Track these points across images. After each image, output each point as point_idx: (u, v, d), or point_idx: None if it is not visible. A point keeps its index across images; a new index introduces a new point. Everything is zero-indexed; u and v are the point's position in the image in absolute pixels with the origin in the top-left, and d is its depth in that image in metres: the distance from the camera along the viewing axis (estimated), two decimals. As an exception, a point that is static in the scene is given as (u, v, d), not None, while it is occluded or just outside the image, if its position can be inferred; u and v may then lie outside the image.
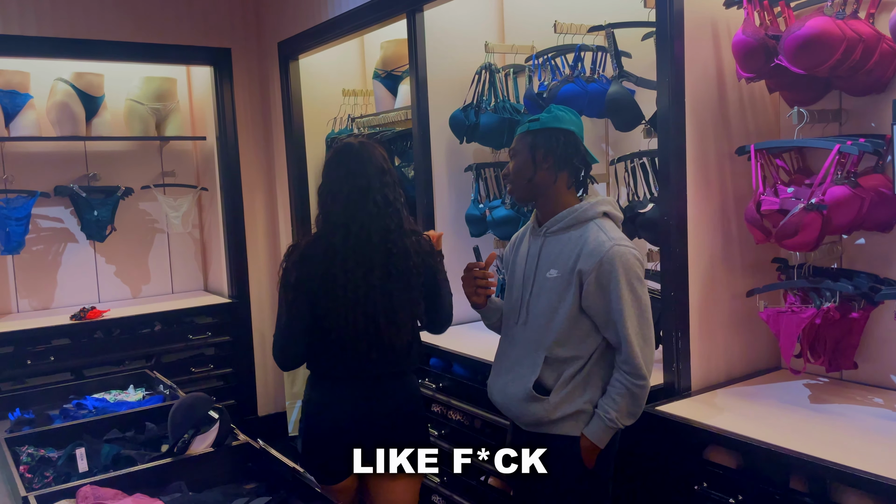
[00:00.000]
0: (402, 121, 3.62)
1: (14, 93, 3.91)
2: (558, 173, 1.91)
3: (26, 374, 3.64)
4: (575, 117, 1.95)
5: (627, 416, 1.86)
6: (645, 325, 1.84)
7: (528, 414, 1.91)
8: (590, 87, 2.59)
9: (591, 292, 1.84)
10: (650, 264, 2.55)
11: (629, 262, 1.83)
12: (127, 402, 2.39)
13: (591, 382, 1.89)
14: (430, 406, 3.02)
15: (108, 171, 4.32)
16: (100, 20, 4.00)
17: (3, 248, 3.86)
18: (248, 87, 4.50)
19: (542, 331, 1.91)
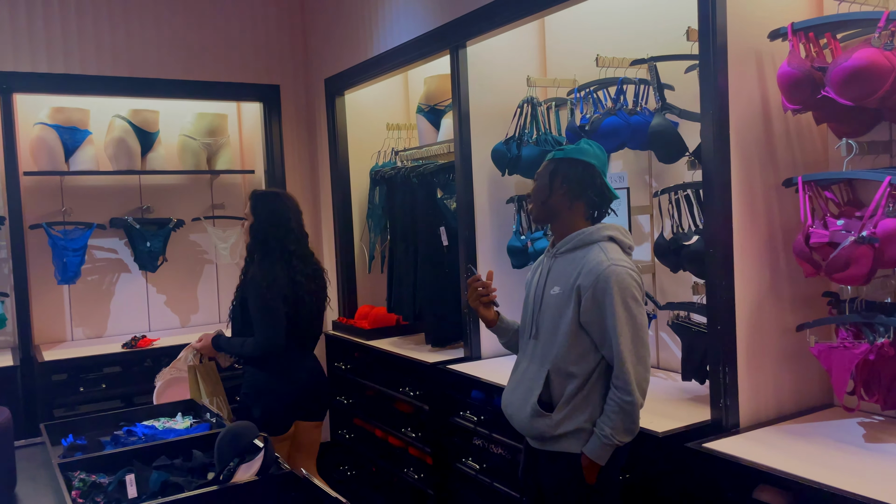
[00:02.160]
0: (445, 154, 3.67)
1: (74, 129, 4.09)
2: (573, 201, 2.04)
3: (79, 400, 3.74)
4: (600, 152, 2.06)
5: (623, 432, 1.92)
6: (639, 344, 1.91)
7: (533, 428, 2.01)
8: (632, 120, 2.59)
9: (588, 308, 1.94)
10: (696, 297, 2.51)
11: (625, 280, 1.91)
12: (175, 429, 2.43)
13: (592, 400, 1.97)
14: (471, 439, 3.00)
15: (161, 203, 4.46)
16: (156, 60, 4.18)
17: (60, 277, 4.01)
18: (295, 122, 4.62)
19: (548, 346, 2.02)
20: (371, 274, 4.37)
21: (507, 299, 3.20)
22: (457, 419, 3.06)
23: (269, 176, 4.54)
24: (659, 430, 2.13)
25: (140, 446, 2.15)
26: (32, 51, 3.88)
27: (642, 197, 2.91)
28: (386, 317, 3.97)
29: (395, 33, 3.71)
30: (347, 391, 4.04)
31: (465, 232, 3.28)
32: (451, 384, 3.12)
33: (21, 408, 3.63)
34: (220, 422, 2.42)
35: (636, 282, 1.94)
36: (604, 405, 1.95)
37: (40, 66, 3.89)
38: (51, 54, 3.92)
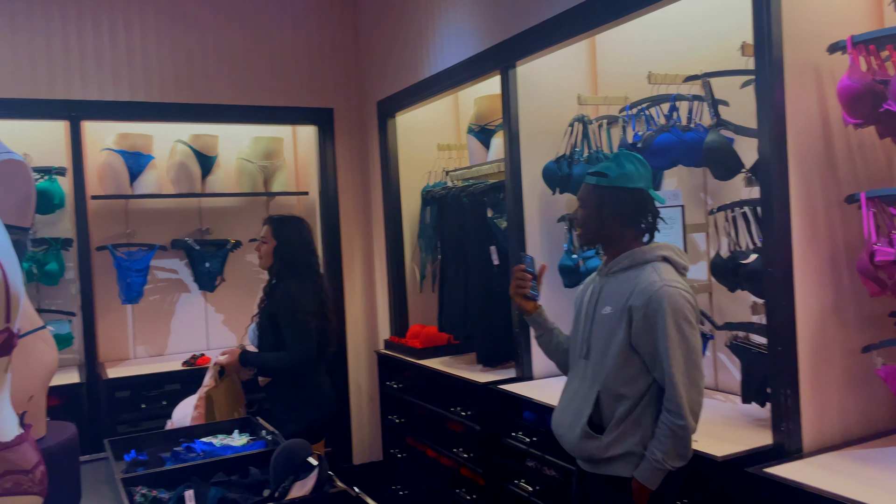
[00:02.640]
0: (495, 173, 3.68)
1: (138, 154, 4.25)
2: (625, 228, 2.01)
3: (141, 417, 3.85)
4: (643, 168, 2.01)
5: (675, 457, 1.87)
6: (692, 367, 1.87)
7: (582, 450, 1.99)
8: (686, 137, 2.56)
9: (640, 329, 1.90)
10: (755, 317, 2.44)
11: (678, 302, 1.87)
12: (232, 446, 2.48)
13: (643, 423, 1.93)
14: (523, 461, 2.97)
15: (220, 225, 4.59)
16: (215, 86, 4.32)
17: (123, 297, 4.15)
18: (348, 144, 4.71)
19: (598, 366, 1.99)
20: (422, 293, 4.39)
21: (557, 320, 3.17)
22: (509, 440, 3.04)
23: (323, 197, 4.63)
24: (718, 454, 2.07)
25: (199, 462, 2.20)
26: (100, 80, 4.06)
27: (697, 214, 2.86)
28: (437, 336, 3.98)
29: (446, 55, 3.76)
30: (399, 410, 4.05)
31: (516, 251, 3.27)
32: (502, 404, 3.10)
33: (86, 424, 3.75)
34: (276, 439, 2.46)
35: (690, 303, 1.90)
36: (655, 428, 1.91)
37: (107, 94, 4.07)
38: (117, 83, 4.10)
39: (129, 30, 4.12)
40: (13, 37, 3.88)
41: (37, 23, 3.93)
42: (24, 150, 3.84)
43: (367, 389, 4.77)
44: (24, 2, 3.90)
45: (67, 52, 3.99)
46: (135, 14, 4.14)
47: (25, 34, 3.91)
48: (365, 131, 4.71)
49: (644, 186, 2.00)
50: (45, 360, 1.99)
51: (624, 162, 2.00)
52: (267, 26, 4.46)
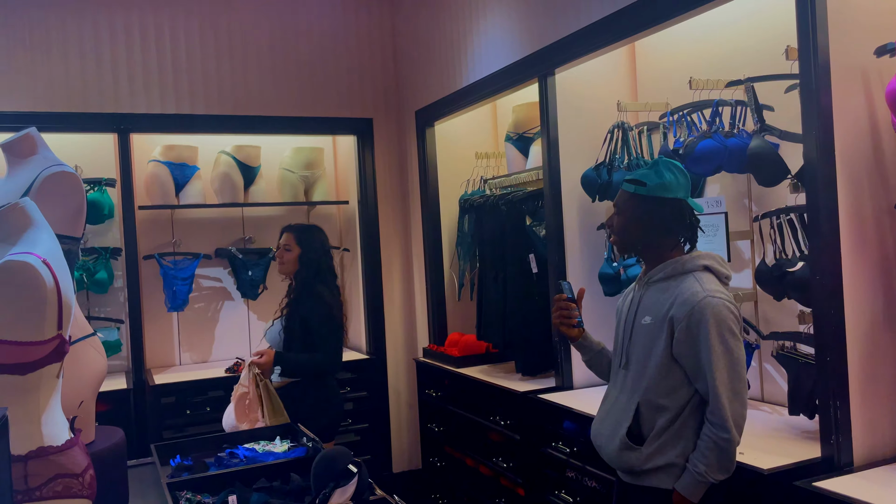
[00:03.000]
0: (534, 181, 3.66)
1: (184, 165, 4.35)
2: (662, 238, 1.98)
3: (186, 422, 3.93)
4: (682, 177, 1.97)
5: (718, 470, 1.84)
6: (736, 379, 1.83)
7: (622, 461, 1.96)
8: (729, 143, 2.52)
9: (682, 340, 1.87)
10: (802, 326, 2.38)
11: (721, 313, 1.84)
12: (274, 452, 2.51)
13: (684, 435, 1.89)
14: (563, 471, 2.94)
15: (262, 234, 4.67)
16: (258, 98, 4.40)
17: (169, 305, 4.25)
18: (387, 153, 4.75)
19: (638, 377, 1.96)
20: (460, 301, 4.39)
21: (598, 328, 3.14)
22: (549, 450, 3.01)
23: (363, 206, 4.67)
24: (764, 466, 2.02)
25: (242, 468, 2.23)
26: (147, 93, 4.17)
27: (741, 221, 2.81)
28: (475, 344, 3.97)
29: (484, 64, 3.77)
30: (438, 419, 4.05)
31: (555, 259, 3.25)
32: (542, 414, 3.08)
33: (133, 429, 3.84)
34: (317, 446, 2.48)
35: (733, 314, 1.87)
36: (696, 440, 1.88)
37: (154, 107, 4.18)
38: (163, 96, 4.21)
39: (174, 45, 4.24)
40: (65, 53, 4.02)
41: (86, 39, 4.06)
42: (75, 162, 3.97)
43: (406, 398, 4.78)
44: (75, 20, 4.04)
45: (116, 67, 4.11)
46: (180, 30, 4.25)
47: (76, 50, 4.04)
48: (403, 140, 4.75)
49: (682, 196, 1.96)
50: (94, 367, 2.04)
51: (663, 171, 1.97)
52: (307, 39, 4.53)
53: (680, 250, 2.01)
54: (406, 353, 4.76)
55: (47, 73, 3.98)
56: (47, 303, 1.41)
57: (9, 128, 3.65)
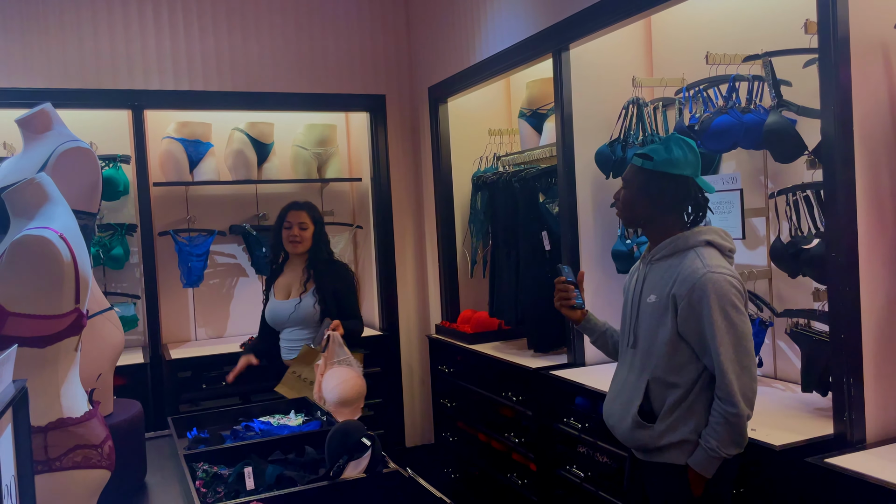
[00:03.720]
0: (547, 157, 3.64)
1: (198, 142, 4.36)
2: (667, 215, 1.97)
3: (202, 396, 3.98)
4: (692, 155, 1.96)
5: (730, 444, 1.85)
6: (742, 353, 1.83)
7: (635, 439, 1.98)
8: (746, 118, 2.48)
9: (685, 318, 1.87)
10: (817, 304, 2.37)
11: (723, 287, 1.83)
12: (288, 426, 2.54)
13: (696, 411, 1.90)
14: (575, 446, 2.96)
15: (276, 210, 4.60)
16: (271, 75, 4.39)
17: (185, 281, 4.28)
18: (400, 130, 4.73)
19: (647, 355, 1.97)
20: (473, 278, 4.39)
21: (612, 306, 3.14)
22: (560, 426, 3.03)
23: (376, 183, 4.67)
24: (776, 443, 2.02)
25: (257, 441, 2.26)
26: (161, 70, 4.17)
27: (757, 198, 2.78)
28: (488, 321, 3.98)
29: (497, 39, 3.73)
30: (450, 394, 4.08)
31: (568, 236, 3.24)
32: (554, 390, 3.09)
33: (150, 402, 3.90)
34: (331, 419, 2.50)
35: (736, 288, 1.86)
36: (709, 416, 1.89)
37: (168, 83, 4.18)
38: (177, 73, 4.20)
39: (187, 21, 4.22)
40: (79, 30, 4.02)
41: (100, 17, 4.05)
42: (90, 138, 3.99)
43: (418, 373, 4.81)
44: (90, -5, 4.03)
45: (129, 43, 4.11)
46: (193, 6, 4.23)
47: (90, 26, 4.04)
48: (416, 117, 4.72)
49: (690, 174, 1.95)
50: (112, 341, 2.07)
51: (672, 146, 1.96)
52: (320, 15, 4.50)
53: (683, 228, 2.00)
54: (419, 329, 4.78)
55: (62, 49, 3.99)
56: (64, 277, 1.43)
57: (24, 104, 3.66)
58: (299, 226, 3.23)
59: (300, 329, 3.22)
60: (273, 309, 3.26)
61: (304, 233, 3.23)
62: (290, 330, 3.24)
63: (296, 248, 3.24)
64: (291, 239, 3.23)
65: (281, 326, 3.26)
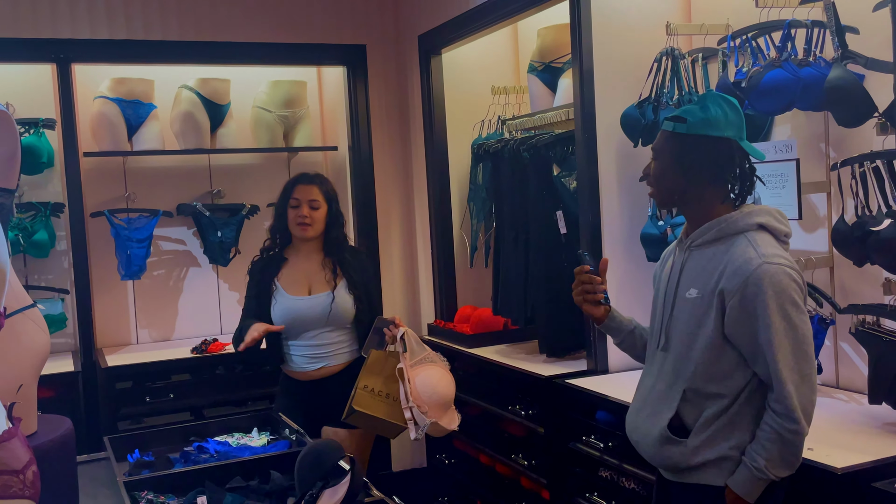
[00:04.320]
0: (563, 121, 3.64)
1: (137, 103, 4.33)
2: (707, 186, 1.97)
3: (145, 412, 3.97)
4: (733, 114, 1.96)
5: (781, 465, 1.86)
6: (802, 359, 1.85)
7: (663, 457, 1.99)
8: (803, 73, 2.48)
9: (735, 318, 1.88)
10: (888, 298, 2.38)
11: (782, 282, 1.84)
12: (251, 446, 2.55)
13: (739, 425, 1.92)
14: (596, 470, 2.98)
15: (233, 186, 4.66)
16: (226, 20, 4.36)
17: (123, 272, 4.27)
18: (384, 88, 4.71)
19: (682, 360, 1.98)
20: (473, 269, 4.39)
21: (640, 301, 3.14)
22: (579, 445, 3.04)
23: (355, 153, 4.65)
24: (837, 465, 2.04)
25: (212, 465, 2.27)
26: (91, 15, 4.13)
27: (816, 171, 2.78)
28: (491, 320, 3.98)
29: (503, -23, 3.71)
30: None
31: (588, 216, 3.24)
32: (571, 403, 3.10)
33: (83, 419, 3.90)
34: (301, 439, 2.51)
35: (796, 282, 1.87)
36: (754, 429, 1.90)
37: (100, 31, 4.15)
38: (111, 18, 4.17)
39: (124, -46, 4.19)
40: (-9, -35, 3.98)
41: (18, -52, 4.02)
42: (6, 99, 3.96)
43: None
44: (3, -77, 3.99)
45: (54, -18, 4.07)
46: (131, -65, 4.19)
47: (5, -38, 4.00)
48: (404, 72, 4.70)
49: (733, 136, 1.95)
50: (34, 344, 2.06)
51: (709, 104, 1.96)
52: (286, -54, 4.47)
53: (729, 205, 2.00)
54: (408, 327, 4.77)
55: (-30, -11, 3.95)
56: (-24, 267, 1.42)
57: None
58: (310, 204, 3.16)
59: (331, 331, 3.19)
60: (292, 308, 3.15)
61: (315, 213, 3.17)
62: (315, 333, 3.17)
63: (305, 232, 3.17)
64: (300, 220, 3.16)
65: (303, 329, 3.17)
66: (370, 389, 2.87)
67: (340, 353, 3.21)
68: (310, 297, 3.16)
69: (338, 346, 3.19)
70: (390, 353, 2.92)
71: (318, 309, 3.14)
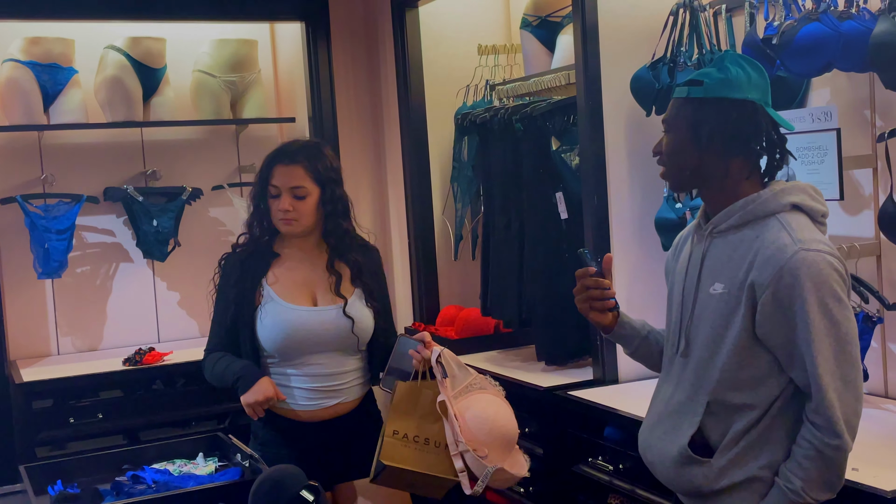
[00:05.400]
0: (563, 86, 3.64)
1: (55, 67, 4.28)
2: (730, 159, 1.95)
3: (69, 435, 3.94)
4: (756, 74, 1.97)
5: (821, 487, 1.86)
6: (846, 363, 1.84)
7: (684, 480, 1.99)
8: (844, 28, 2.50)
9: (768, 315, 1.88)
10: (943, 291, 2.41)
11: (822, 272, 1.83)
12: (195, 475, 2.53)
13: (772, 441, 1.92)
14: (605, 496, 2.99)
15: (171, 166, 4.63)
16: (160, -32, 4.34)
17: (40, 269, 4.23)
18: (350, 48, 4.70)
19: (705, 366, 1.98)
20: (459, 261, 4.40)
21: (655, 298, 3.15)
22: (584, 468, 3.06)
23: (316, 126, 4.64)
24: (887, 487, 2.06)
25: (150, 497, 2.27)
26: (-1, -38, 4.10)
27: (861, 142, 2.80)
28: (480, 322, 3.99)
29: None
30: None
31: (593, 199, 3.25)
32: (575, 418, 3.11)
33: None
34: (256, 466, 2.51)
35: (838, 272, 1.86)
36: (789, 445, 1.91)
37: (9, -18, 4.11)
38: (22, -34, 4.13)
39: None
40: None
41: None
42: None
43: (381, 396, 4.82)
44: None
45: (-48, -78, 4.03)
46: None
47: None
48: (373, 29, 4.69)
49: (757, 99, 1.95)
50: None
51: (727, 65, 1.96)
52: None
53: (757, 182, 1.99)
54: (381, 334, 4.79)
55: None
56: None
57: None
58: (292, 192, 2.76)
59: (342, 356, 2.82)
60: (293, 323, 2.75)
61: (301, 204, 2.77)
62: (324, 359, 2.79)
63: (291, 229, 2.80)
64: (281, 216, 2.77)
65: (306, 351, 2.77)
66: (402, 436, 2.55)
67: (355, 386, 2.88)
68: (317, 310, 2.78)
69: (353, 376, 2.85)
70: (424, 384, 2.60)
71: (331, 326, 2.76)
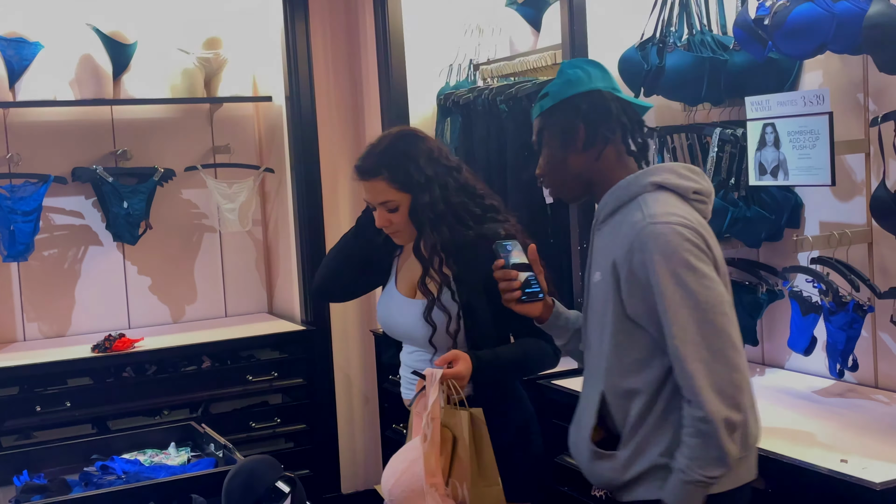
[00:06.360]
0: (549, 66, 3.64)
1: (21, 42, 4.25)
2: (599, 153, 2.04)
3: (35, 425, 3.94)
4: (595, 69, 2.09)
5: (709, 463, 1.85)
6: (709, 331, 1.85)
7: (596, 475, 2.05)
8: (837, 8, 2.50)
9: (630, 292, 1.94)
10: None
11: (670, 243, 1.87)
12: (167, 465, 2.53)
13: (666, 425, 1.95)
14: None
15: (142, 146, 4.61)
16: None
17: (5, 253, 4.20)
18: (330, 24, 4.68)
19: (597, 356, 2.04)
20: (441, 246, 4.40)
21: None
22: (567, 459, 3.07)
23: (294, 105, 4.62)
24: (876, 479, 2.07)
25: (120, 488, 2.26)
26: (-38, -68, 4.05)
27: (854, 126, 2.82)
28: (463, 309, 3.99)
29: None
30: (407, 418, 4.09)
31: (580, 183, 3.25)
32: (558, 408, 3.12)
33: (-43, 434, 3.87)
34: (229, 456, 2.51)
35: (690, 241, 1.88)
36: None
37: (-27, -48, 4.07)
38: (-13, -64, 4.09)
39: None
40: None
41: None
42: None
43: (360, 387, 4.83)
44: None
45: None
46: None
47: None
48: (353, 4, 4.67)
49: (603, 87, 2.04)
50: None
51: (566, 70, 2.09)
52: None
53: (630, 167, 2.07)
54: (359, 322, 4.78)
55: None
56: None
57: None
58: (384, 207, 2.59)
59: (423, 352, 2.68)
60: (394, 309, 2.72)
61: (395, 216, 2.58)
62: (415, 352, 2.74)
63: (399, 241, 2.70)
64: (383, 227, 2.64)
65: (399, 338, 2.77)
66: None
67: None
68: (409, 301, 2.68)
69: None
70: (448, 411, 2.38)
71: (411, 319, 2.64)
